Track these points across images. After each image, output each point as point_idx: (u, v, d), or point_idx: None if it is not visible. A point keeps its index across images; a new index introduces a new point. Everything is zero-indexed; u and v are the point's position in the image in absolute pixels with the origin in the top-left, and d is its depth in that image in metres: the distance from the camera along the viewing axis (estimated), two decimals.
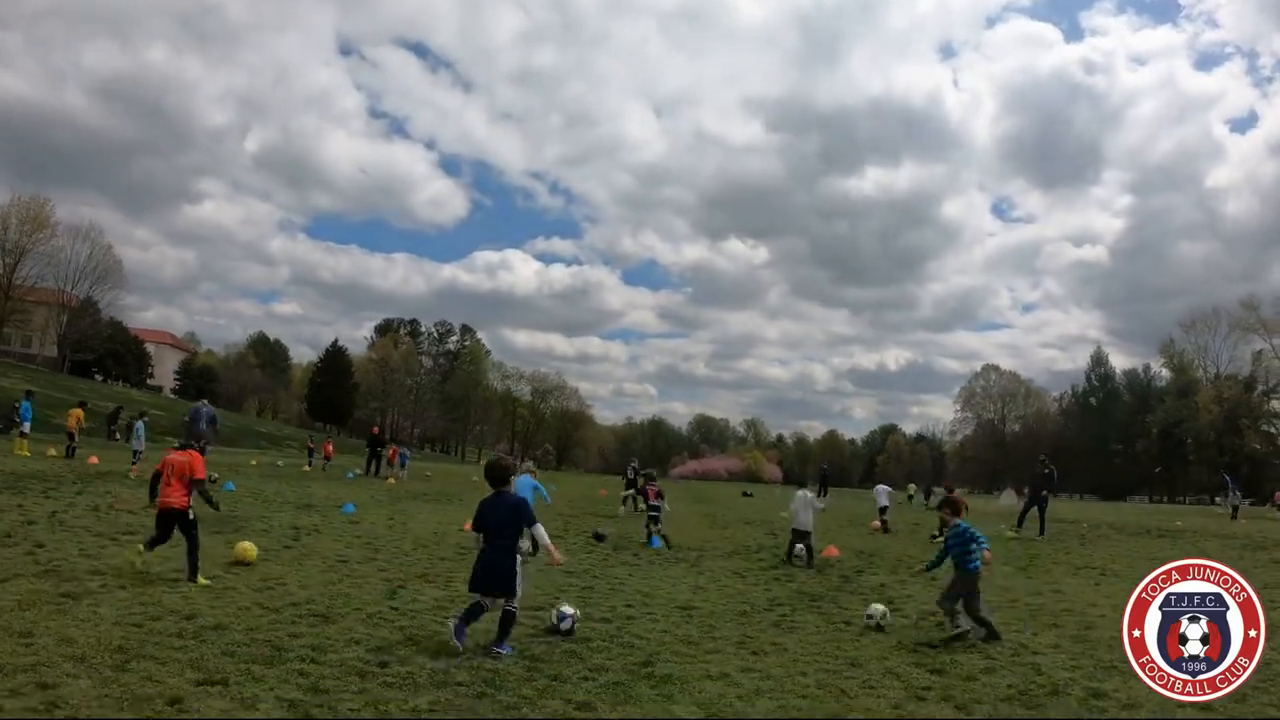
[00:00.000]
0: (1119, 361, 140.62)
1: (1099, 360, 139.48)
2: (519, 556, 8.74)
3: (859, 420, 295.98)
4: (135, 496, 18.97)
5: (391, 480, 38.96)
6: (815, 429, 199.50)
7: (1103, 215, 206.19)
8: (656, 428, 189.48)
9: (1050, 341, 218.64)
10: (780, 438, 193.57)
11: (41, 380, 73.77)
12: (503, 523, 8.57)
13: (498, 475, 8.90)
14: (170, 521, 10.95)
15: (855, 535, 24.70)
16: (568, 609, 9.35)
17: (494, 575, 8.41)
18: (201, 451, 20.26)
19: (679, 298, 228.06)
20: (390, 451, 44.62)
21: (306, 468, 42.71)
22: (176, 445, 11.88)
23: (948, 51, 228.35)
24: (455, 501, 28.91)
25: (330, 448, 49.22)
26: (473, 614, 8.48)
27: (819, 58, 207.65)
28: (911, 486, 61.49)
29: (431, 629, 9.08)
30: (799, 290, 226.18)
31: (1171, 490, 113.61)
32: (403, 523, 20.11)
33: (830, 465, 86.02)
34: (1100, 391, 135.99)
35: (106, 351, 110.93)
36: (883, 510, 28.10)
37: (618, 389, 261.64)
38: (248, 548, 12.85)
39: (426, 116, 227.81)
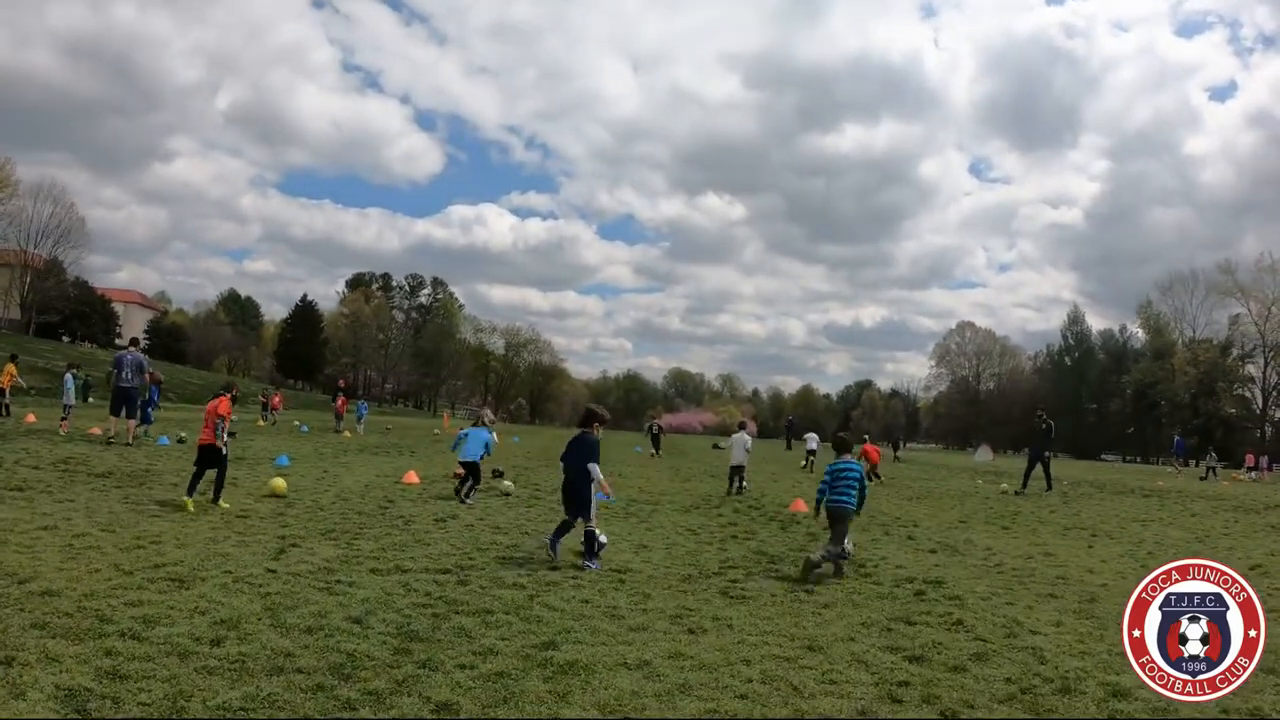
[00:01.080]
0: (1093, 323, 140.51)
1: (1075, 319, 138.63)
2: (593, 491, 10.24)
3: (834, 376, 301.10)
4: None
5: (346, 434, 37.47)
6: (790, 384, 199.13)
7: (1079, 179, 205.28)
8: (632, 382, 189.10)
9: (1025, 302, 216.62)
10: (755, 392, 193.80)
11: (3, 342, 70.76)
12: (580, 458, 10.17)
13: (584, 419, 10.71)
14: (204, 455, 12.87)
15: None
16: (602, 537, 10.36)
17: (573, 500, 10.18)
18: (128, 397, 21.57)
19: (655, 253, 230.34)
20: (338, 403, 42.77)
21: (260, 423, 40.87)
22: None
23: (928, 10, 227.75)
24: (405, 454, 27.48)
25: (278, 400, 46.85)
26: (561, 530, 10.26)
27: (799, 14, 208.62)
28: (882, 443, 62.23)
29: (303, 595, 7.54)
30: (775, 246, 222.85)
31: (1144, 451, 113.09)
32: (335, 476, 18.47)
33: (798, 418, 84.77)
34: (1076, 350, 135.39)
35: (73, 312, 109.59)
36: (810, 454, 35.01)
37: (594, 344, 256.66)
38: (279, 483, 14.76)
39: (400, 70, 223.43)
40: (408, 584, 8.25)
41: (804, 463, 35.07)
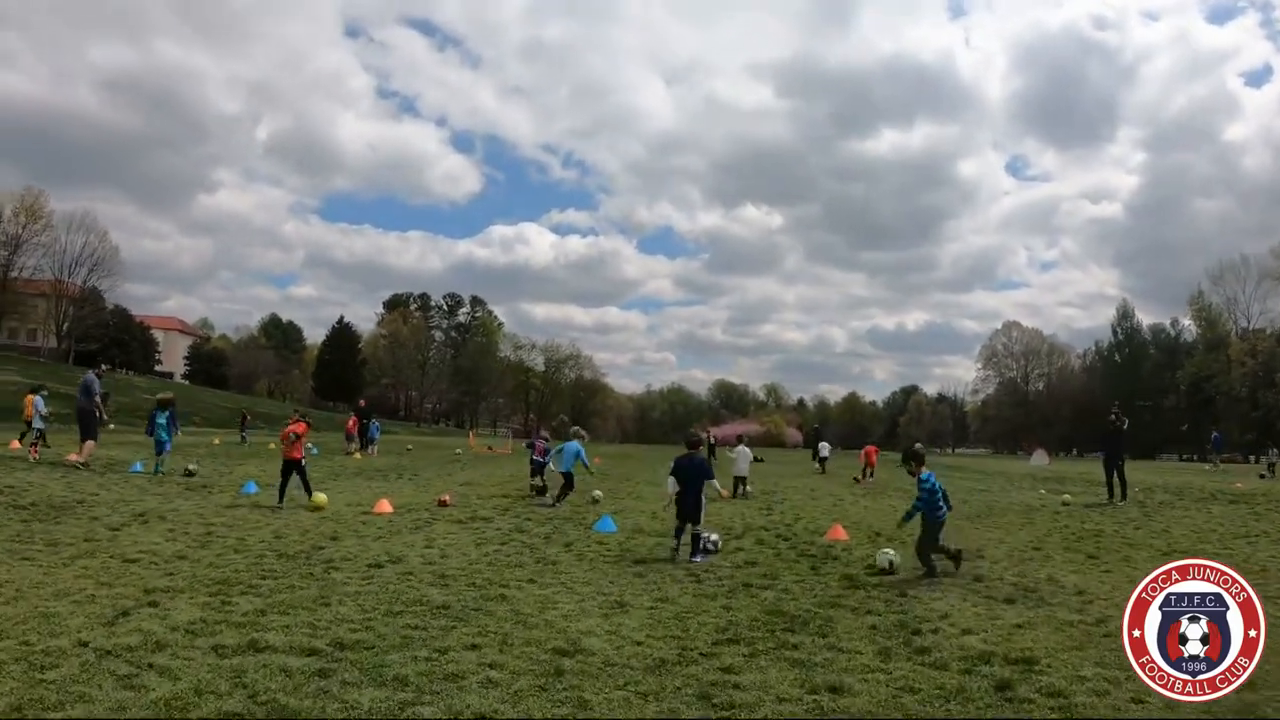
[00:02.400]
0: (1140, 318, 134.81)
1: (1125, 314, 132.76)
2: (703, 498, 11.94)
3: (879, 382, 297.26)
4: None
5: (356, 455, 35.09)
6: (836, 392, 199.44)
7: (1118, 172, 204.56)
8: (676, 395, 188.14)
9: (1069, 300, 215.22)
10: (801, 401, 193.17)
11: (41, 371, 72.80)
12: (693, 474, 11.72)
13: (691, 442, 12.33)
14: (289, 469, 16.19)
15: (874, 509, 20.11)
16: (714, 535, 12.33)
17: (689, 509, 11.53)
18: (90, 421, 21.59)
19: (696, 265, 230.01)
20: (349, 423, 40.21)
21: (271, 445, 38.63)
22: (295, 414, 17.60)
23: (957, 10, 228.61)
24: (404, 478, 24.96)
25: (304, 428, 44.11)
26: (678, 533, 11.67)
27: (828, 20, 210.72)
28: (918, 445, 59.98)
29: (88, 685, 5.50)
30: (816, 255, 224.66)
31: (1201, 448, 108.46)
32: (295, 507, 16.03)
33: (823, 426, 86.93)
34: (1126, 347, 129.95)
35: (111, 340, 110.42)
36: (822, 460, 39.30)
37: (638, 358, 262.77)
38: (321, 498, 16.00)
39: (436, 94, 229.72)
40: (244, 673, 5.83)
41: (818, 468, 38.94)
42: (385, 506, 15.94)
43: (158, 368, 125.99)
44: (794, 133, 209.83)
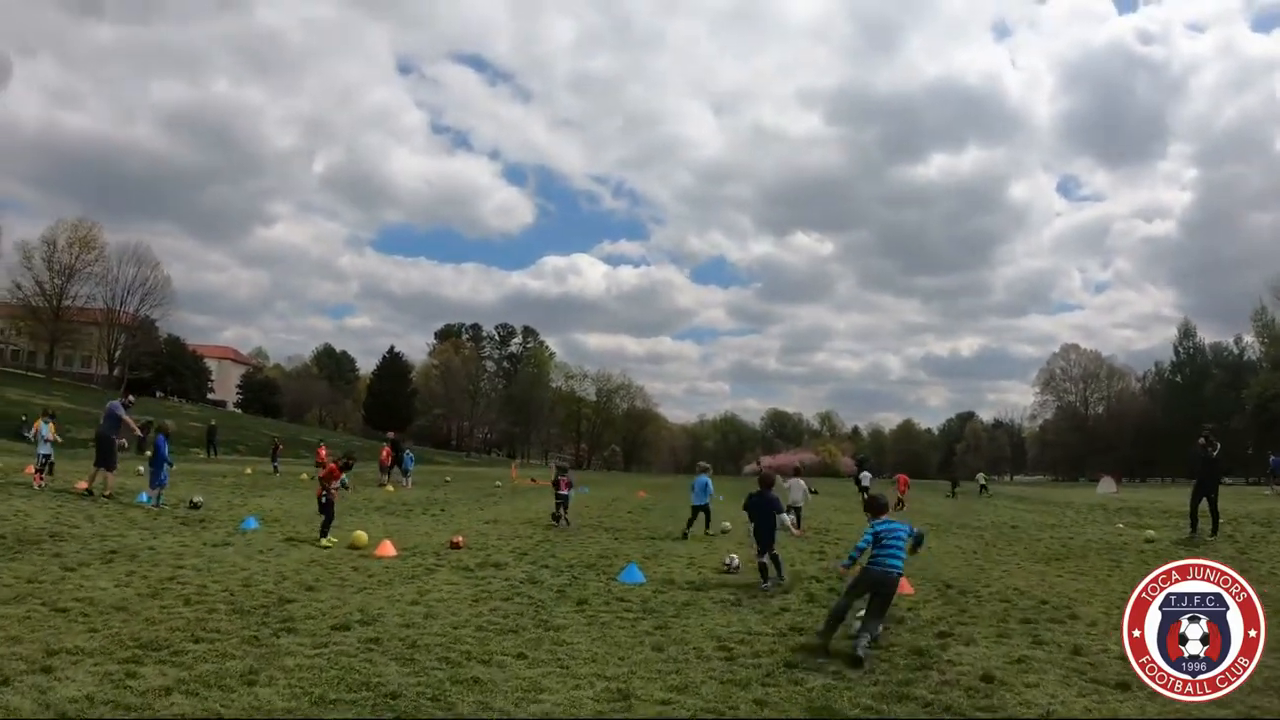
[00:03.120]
0: (1200, 336, 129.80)
1: (1187, 333, 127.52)
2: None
3: (934, 409, 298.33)
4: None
5: (390, 487, 33.61)
6: (890, 420, 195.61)
7: (1170, 189, 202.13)
8: (729, 424, 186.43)
9: (1125, 321, 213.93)
10: (855, 430, 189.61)
11: (89, 397, 73.16)
12: (766, 509, 12.87)
13: (763, 480, 13.33)
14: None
15: (941, 550, 18.07)
16: (735, 557, 14.27)
17: (766, 537, 12.76)
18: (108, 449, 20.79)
19: (748, 294, 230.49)
20: (383, 453, 38.64)
21: (303, 476, 37.27)
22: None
23: (1002, 31, 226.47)
24: (427, 514, 23.20)
25: (323, 453, 42.39)
26: (762, 566, 12.77)
27: (874, 47, 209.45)
28: (981, 475, 62.49)
29: None
30: (868, 281, 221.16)
31: (1264, 471, 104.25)
32: (286, 548, 14.46)
33: (866, 457, 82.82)
34: (1187, 367, 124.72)
35: (164, 369, 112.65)
36: (864, 490, 34.45)
37: (691, 388, 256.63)
38: (360, 535, 15.25)
39: (488, 128, 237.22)
40: None
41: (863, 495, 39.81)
42: (388, 549, 14.30)
43: (210, 396, 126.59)
44: (843, 159, 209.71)
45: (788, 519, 13.41)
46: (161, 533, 15.45)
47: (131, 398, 23.79)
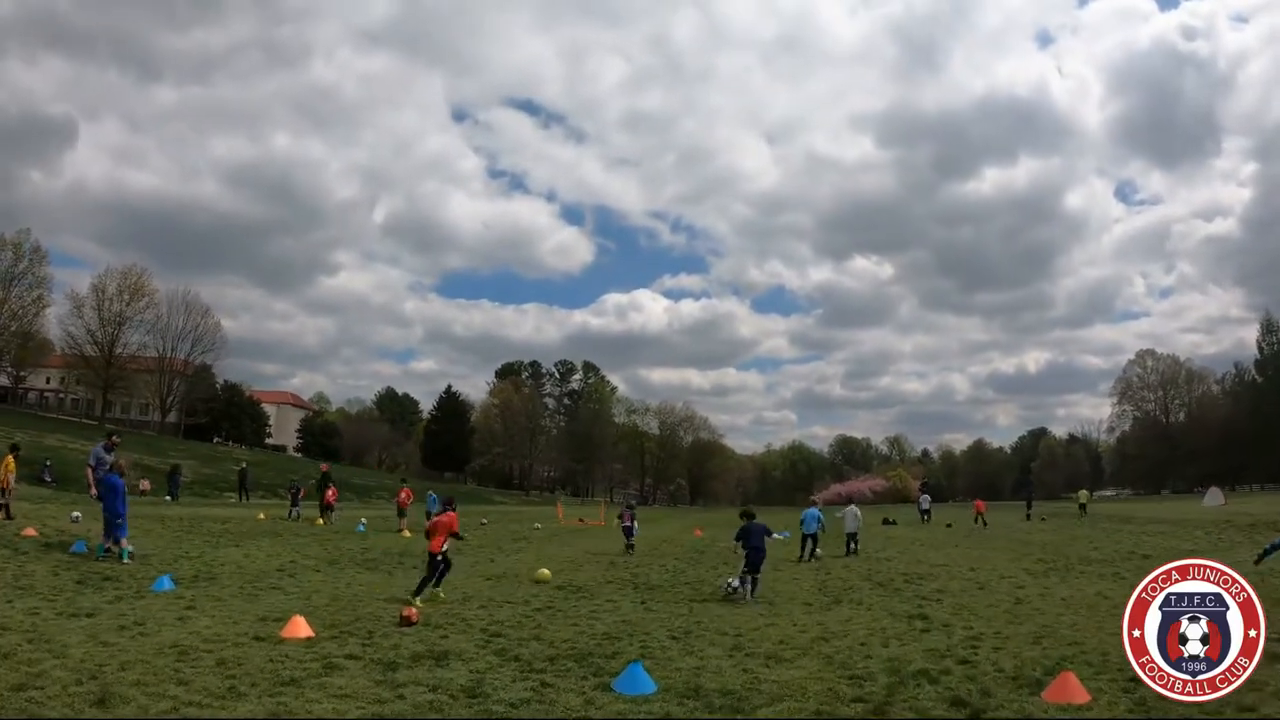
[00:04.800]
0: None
1: (1270, 328, 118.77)
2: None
3: (1003, 428, 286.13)
4: None
5: (406, 533, 29.98)
6: (960, 440, 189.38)
7: (1229, 186, 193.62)
8: (797, 452, 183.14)
9: (1192, 326, 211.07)
10: (925, 452, 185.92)
11: (135, 441, 71.41)
12: (757, 536, 15.99)
13: (748, 514, 16.92)
14: (432, 560, 14.81)
15: (1081, 604, 14.78)
16: (735, 580, 15.81)
17: (754, 563, 15.66)
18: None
19: (810, 321, 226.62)
20: (400, 495, 34.95)
21: (320, 521, 33.56)
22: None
23: (1045, 39, 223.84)
24: (404, 568, 19.44)
25: (332, 494, 37.41)
26: (744, 580, 15.57)
27: (919, 66, 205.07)
28: (1083, 493, 56.11)
29: None
30: (928, 302, 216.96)
31: None
32: (170, 624, 11.12)
33: (928, 482, 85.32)
34: (1270, 366, 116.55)
35: (220, 414, 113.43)
36: (924, 513, 46.07)
37: (757, 418, 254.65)
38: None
39: (543, 170, 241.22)
40: None
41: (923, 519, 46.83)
42: (298, 628, 10.72)
43: (268, 440, 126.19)
44: (897, 181, 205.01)
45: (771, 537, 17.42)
46: (43, 593, 12.91)
47: (117, 438, 20.25)
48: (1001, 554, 23.15)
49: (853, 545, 25.34)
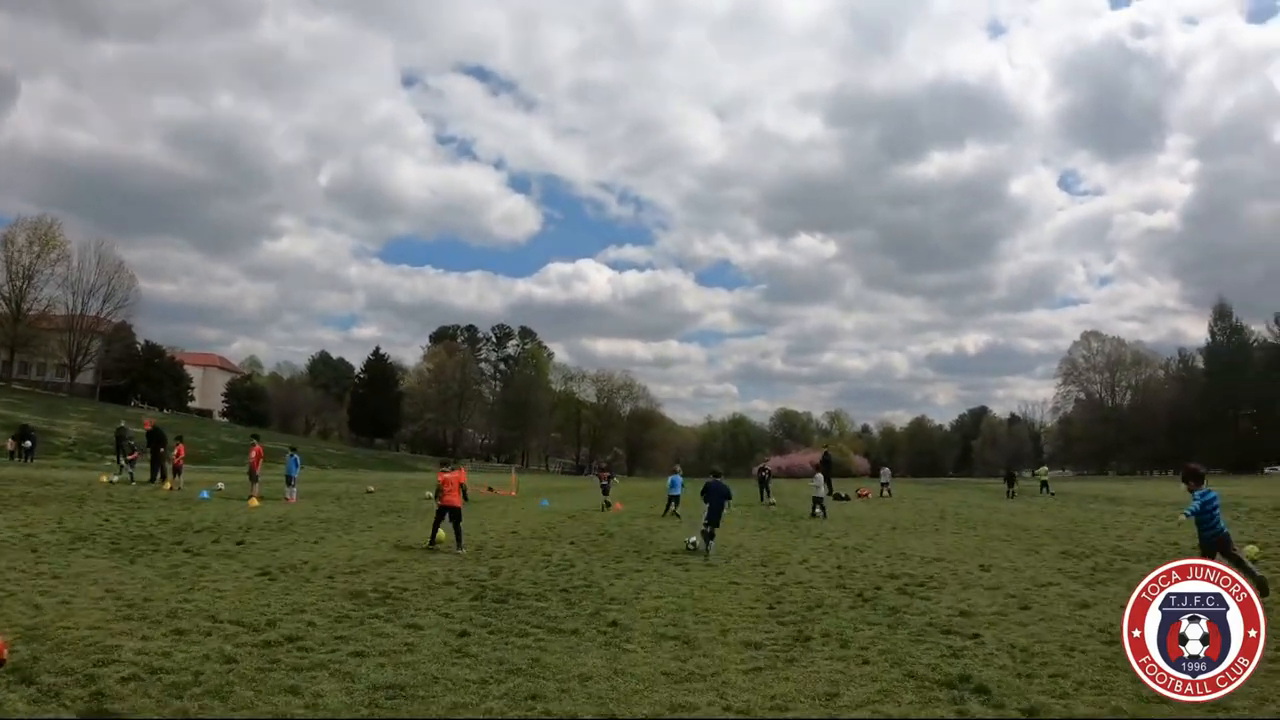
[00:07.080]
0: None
1: (1222, 314, 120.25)
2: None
3: (942, 407, 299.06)
4: None
5: (254, 501, 26.06)
6: (900, 418, 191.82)
7: (1170, 181, 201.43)
8: (738, 425, 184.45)
9: (1130, 314, 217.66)
10: (865, 428, 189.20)
11: (40, 405, 71.18)
12: (718, 495, 17.04)
13: (715, 472, 18.81)
14: (446, 511, 16.84)
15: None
16: (694, 539, 17.10)
17: (714, 518, 16.64)
18: None
19: (753, 295, 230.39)
20: (252, 455, 30.25)
21: (106, 479, 31.18)
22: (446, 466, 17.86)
23: (996, 29, 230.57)
24: (229, 548, 16.54)
25: (182, 452, 32.68)
26: (706, 535, 16.46)
27: (870, 48, 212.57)
28: (1043, 470, 60.13)
29: None
30: (872, 281, 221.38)
31: None
32: None
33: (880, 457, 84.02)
34: (1224, 351, 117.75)
35: (140, 376, 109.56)
36: (884, 485, 48.22)
37: (699, 390, 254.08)
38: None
39: (492, 138, 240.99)
40: None
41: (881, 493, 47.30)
42: None
43: (191, 404, 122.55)
44: (844, 160, 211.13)
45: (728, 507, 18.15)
46: None
47: None
48: (1002, 542, 19.26)
49: (818, 510, 27.93)
